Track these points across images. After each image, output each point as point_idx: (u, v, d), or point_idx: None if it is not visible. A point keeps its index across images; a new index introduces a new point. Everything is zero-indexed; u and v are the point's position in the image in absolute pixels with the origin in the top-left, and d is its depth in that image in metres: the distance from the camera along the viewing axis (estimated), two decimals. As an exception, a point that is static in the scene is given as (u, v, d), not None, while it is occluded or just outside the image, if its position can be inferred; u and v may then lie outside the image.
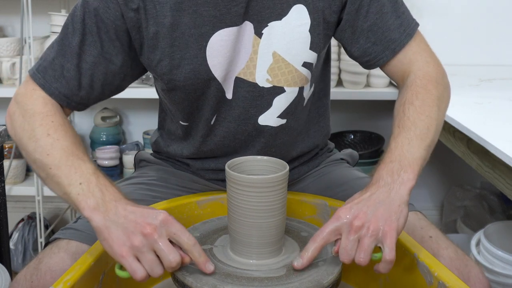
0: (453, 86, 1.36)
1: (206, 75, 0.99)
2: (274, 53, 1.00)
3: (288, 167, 0.83)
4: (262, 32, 0.99)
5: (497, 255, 1.50)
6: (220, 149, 1.08)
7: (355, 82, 2.04)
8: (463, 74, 1.99)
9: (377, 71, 2.02)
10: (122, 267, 0.78)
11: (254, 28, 0.98)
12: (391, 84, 2.06)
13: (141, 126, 2.35)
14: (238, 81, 1.01)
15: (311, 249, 0.80)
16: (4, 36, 2.27)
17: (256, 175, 0.83)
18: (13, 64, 2.03)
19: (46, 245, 1.00)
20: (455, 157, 1.61)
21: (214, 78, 0.99)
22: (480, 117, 1.41)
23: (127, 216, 0.79)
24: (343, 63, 2.04)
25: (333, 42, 2.04)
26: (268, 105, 1.03)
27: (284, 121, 1.05)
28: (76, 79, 0.96)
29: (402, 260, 0.87)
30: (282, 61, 1.00)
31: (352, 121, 2.35)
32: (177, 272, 0.79)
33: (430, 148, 0.92)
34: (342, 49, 2.06)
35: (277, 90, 1.02)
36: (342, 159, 1.24)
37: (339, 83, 2.10)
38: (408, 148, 0.88)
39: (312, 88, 1.10)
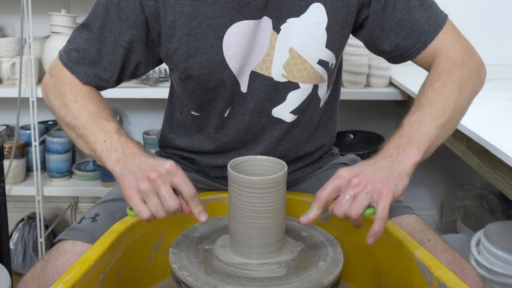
0: (453, 86, 1.36)
1: (221, 65, 1.00)
2: (290, 49, 1.01)
3: (286, 167, 0.83)
4: (280, 28, 1.01)
5: (497, 255, 1.50)
6: (233, 142, 1.09)
7: (355, 82, 2.04)
8: (463, 74, 1.98)
9: (377, 71, 2.02)
10: (132, 209, 0.86)
11: (273, 23, 1.00)
12: (391, 84, 2.06)
13: (141, 126, 2.35)
14: (254, 75, 1.02)
15: (315, 207, 0.84)
16: (4, 36, 2.27)
17: (256, 176, 0.83)
18: (13, 64, 2.03)
19: (51, 246, 1.00)
20: (455, 157, 1.61)
21: (229, 69, 1.01)
22: (480, 117, 1.41)
23: (140, 165, 0.87)
24: (343, 63, 2.04)
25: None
26: (282, 99, 1.05)
27: (295, 117, 1.06)
28: (97, 62, 1.03)
29: (402, 260, 0.87)
30: (298, 57, 1.02)
31: (352, 121, 2.35)
32: (177, 272, 0.79)
33: (445, 128, 0.93)
34: (342, 49, 2.06)
35: (292, 85, 1.04)
36: (345, 163, 1.24)
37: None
38: (419, 126, 0.90)
39: (329, 90, 1.11)
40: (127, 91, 2.06)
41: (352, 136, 2.33)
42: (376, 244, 0.94)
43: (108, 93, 2.11)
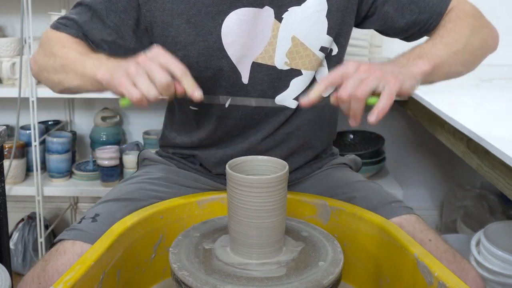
0: (453, 86, 1.36)
1: (220, 52, 1.02)
2: (293, 37, 1.03)
3: (287, 167, 0.83)
4: (282, 16, 1.02)
5: (497, 255, 1.50)
6: (235, 131, 1.10)
7: (355, 82, 2.03)
8: (463, 74, 1.98)
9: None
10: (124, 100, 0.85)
11: (275, 13, 1.02)
12: (391, 84, 2.06)
13: (141, 126, 2.35)
14: (255, 66, 1.04)
15: (318, 86, 0.83)
16: (4, 36, 2.27)
17: (256, 175, 0.83)
18: (13, 64, 2.03)
19: (51, 246, 1.00)
20: (455, 157, 1.61)
21: (228, 57, 1.02)
22: (480, 117, 1.41)
23: (127, 60, 0.87)
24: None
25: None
26: (285, 86, 1.06)
27: (298, 103, 1.07)
28: (87, 32, 1.04)
29: (402, 260, 0.87)
30: (301, 45, 1.04)
31: (352, 121, 2.34)
32: (177, 272, 0.79)
33: (457, 57, 0.96)
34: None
35: (295, 73, 1.05)
36: (345, 163, 1.24)
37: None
38: (430, 48, 0.93)
39: None
40: (127, 91, 2.06)
41: (352, 136, 2.33)
42: (376, 244, 0.94)
43: (108, 93, 2.10)
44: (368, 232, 0.96)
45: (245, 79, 1.04)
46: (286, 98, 1.07)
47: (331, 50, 1.08)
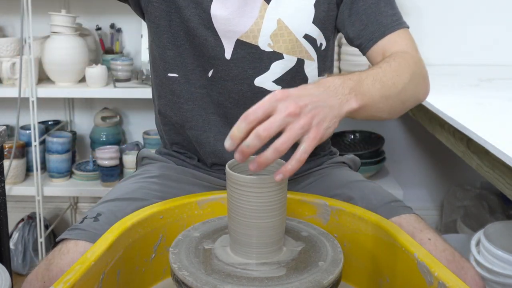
0: (453, 86, 1.37)
1: (207, 23, 1.05)
2: (279, 20, 1.06)
3: None
4: None
5: (497, 255, 1.50)
6: (215, 107, 1.11)
7: (355, 82, 2.04)
8: (463, 74, 1.99)
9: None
10: None
11: None
12: (391, 84, 2.06)
13: (141, 126, 2.35)
14: (239, 43, 1.07)
15: (239, 123, 0.75)
16: (4, 36, 2.27)
17: (256, 175, 0.83)
18: (13, 64, 2.03)
19: (54, 245, 1.00)
20: (455, 157, 1.61)
21: (213, 29, 1.06)
22: (480, 117, 1.41)
23: None
24: (343, 63, 2.04)
25: (333, 42, 2.04)
26: (266, 68, 1.08)
27: (279, 87, 1.09)
28: None
29: (402, 260, 0.87)
30: (285, 28, 1.07)
31: (352, 121, 2.35)
32: (177, 272, 0.79)
33: (387, 102, 0.88)
34: (342, 49, 2.06)
35: (276, 56, 1.08)
36: (344, 162, 1.25)
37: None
38: (368, 84, 0.85)
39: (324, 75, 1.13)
40: (127, 91, 2.06)
41: (352, 136, 2.33)
42: (376, 244, 0.94)
43: (108, 93, 2.11)
44: (368, 232, 0.96)
45: (228, 55, 1.07)
46: (266, 80, 1.09)
47: (321, 44, 1.10)
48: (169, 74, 1.12)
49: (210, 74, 1.09)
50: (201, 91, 1.11)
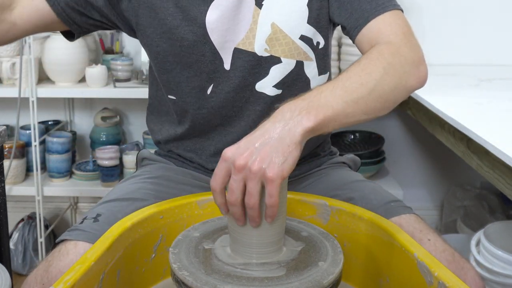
0: (453, 86, 1.37)
1: (203, 38, 1.04)
2: (272, 24, 1.05)
3: None
4: (262, 3, 1.04)
5: (497, 255, 1.50)
6: (217, 119, 1.11)
7: (355, 82, 2.04)
8: (463, 74, 1.99)
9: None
10: None
11: None
12: (391, 84, 2.06)
13: (141, 126, 2.35)
14: (237, 52, 1.05)
15: (217, 198, 0.76)
16: (4, 36, 2.27)
17: None
18: (13, 64, 2.03)
19: (53, 246, 1.00)
20: (455, 157, 1.61)
21: (211, 43, 1.04)
22: (480, 117, 1.41)
23: None
24: (343, 63, 2.04)
25: (333, 42, 2.04)
26: (265, 73, 1.07)
27: (279, 91, 1.08)
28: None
29: (402, 260, 0.87)
30: (280, 32, 1.05)
31: (352, 121, 2.35)
32: (177, 272, 0.79)
33: (358, 106, 0.82)
34: (342, 49, 2.06)
35: (274, 60, 1.06)
36: (344, 162, 1.24)
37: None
38: (326, 94, 0.80)
39: (326, 76, 1.13)
40: (127, 91, 2.06)
41: (352, 136, 2.33)
42: (376, 244, 0.94)
43: (108, 93, 2.10)
44: (368, 232, 0.96)
45: (227, 65, 1.06)
46: (266, 85, 1.08)
47: (318, 43, 1.09)
48: (169, 96, 1.12)
49: (209, 91, 1.08)
50: (201, 111, 1.10)
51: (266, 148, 0.73)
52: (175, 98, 1.11)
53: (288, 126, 0.75)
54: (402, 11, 1.01)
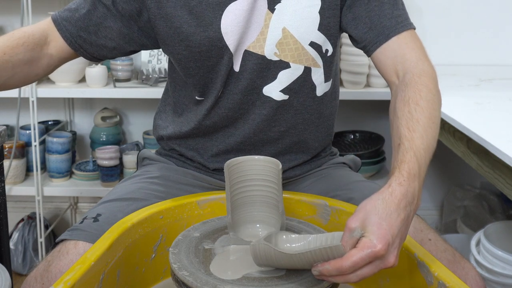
0: (453, 86, 1.37)
1: (220, 42, 1.04)
2: (283, 29, 1.05)
3: (280, 165, 0.86)
4: (275, 7, 1.05)
5: (497, 255, 1.50)
6: (223, 121, 1.11)
7: (355, 82, 2.04)
8: (463, 74, 1.99)
9: (377, 71, 2.02)
10: None
11: (268, 3, 1.05)
12: (391, 84, 2.06)
13: (141, 126, 2.35)
14: (247, 54, 1.06)
15: (338, 278, 0.73)
16: (4, 36, 2.27)
17: (254, 175, 0.83)
18: (13, 64, 2.03)
19: (53, 246, 1.00)
20: (455, 157, 1.61)
21: (227, 47, 1.05)
22: (480, 117, 1.41)
23: None
24: (343, 63, 2.04)
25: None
26: (273, 77, 1.07)
27: (286, 97, 1.09)
28: (81, 25, 1.08)
29: (402, 260, 0.87)
30: (291, 37, 1.05)
31: (352, 121, 2.35)
32: (177, 272, 0.79)
33: (431, 151, 0.91)
34: (342, 49, 2.06)
35: (283, 65, 1.07)
36: (344, 163, 1.24)
37: (339, 83, 2.10)
38: (421, 165, 0.87)
39: (330, 83, 1.13)
40: (127, 91, 2.06)
41: (352, 136, 2.33)
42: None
43: (108, 93, 2.10)
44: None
45: (236, 67, 1.07)
46: (273, 90, 1.08)
47: (327, 50, 1.08)
48: (196, 97, 1.13)
49: (220, 92, 1.09)
50: (211, 109, 1.11)
51: (402, 242, 0.76)
52: (203, 98, 1.12)
53: (412, 214, 0.79)
54: (415, 27, 1.05)
